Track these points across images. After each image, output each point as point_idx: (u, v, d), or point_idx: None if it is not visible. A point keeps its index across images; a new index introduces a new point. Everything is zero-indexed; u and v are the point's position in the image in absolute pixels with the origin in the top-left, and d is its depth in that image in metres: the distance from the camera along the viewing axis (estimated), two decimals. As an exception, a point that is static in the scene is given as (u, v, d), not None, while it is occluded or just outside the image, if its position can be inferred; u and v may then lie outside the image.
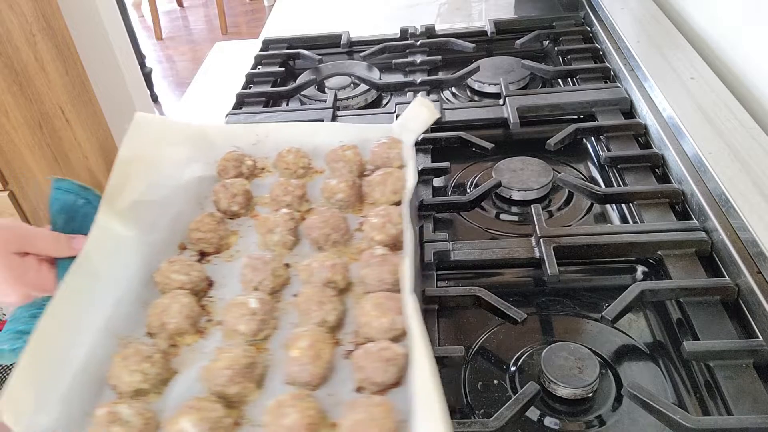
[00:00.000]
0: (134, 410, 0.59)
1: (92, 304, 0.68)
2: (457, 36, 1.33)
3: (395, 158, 0.88)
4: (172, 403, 0.63)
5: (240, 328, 0.67)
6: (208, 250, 0.81)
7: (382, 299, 0.66)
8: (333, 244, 0.78)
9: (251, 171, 0.92)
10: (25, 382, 0.59)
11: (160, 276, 0.74)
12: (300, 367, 0.61)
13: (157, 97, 3.75)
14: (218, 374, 0.61)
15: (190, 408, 0.57)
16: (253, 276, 0.72)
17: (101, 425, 0.57)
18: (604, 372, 0.66)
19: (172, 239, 0.82)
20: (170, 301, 0.69)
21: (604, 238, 0.78)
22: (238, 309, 0.67)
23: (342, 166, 0.88)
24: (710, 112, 0.94)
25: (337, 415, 0.59)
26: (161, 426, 0.60)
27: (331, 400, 0.62)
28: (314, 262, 0.72)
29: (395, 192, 0.83)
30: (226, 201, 0.84)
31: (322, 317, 0.67)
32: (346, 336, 0.68)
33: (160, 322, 0.68)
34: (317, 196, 0.88)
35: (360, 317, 0.66)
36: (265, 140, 0.95)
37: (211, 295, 0.76)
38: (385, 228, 0.76)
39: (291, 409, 0.56)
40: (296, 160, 0.90)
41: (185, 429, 0.56)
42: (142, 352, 0.64)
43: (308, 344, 0.62)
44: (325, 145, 0.92)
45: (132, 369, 0.62)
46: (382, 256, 0.71)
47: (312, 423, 0.56)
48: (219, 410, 0.58)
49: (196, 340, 0.70)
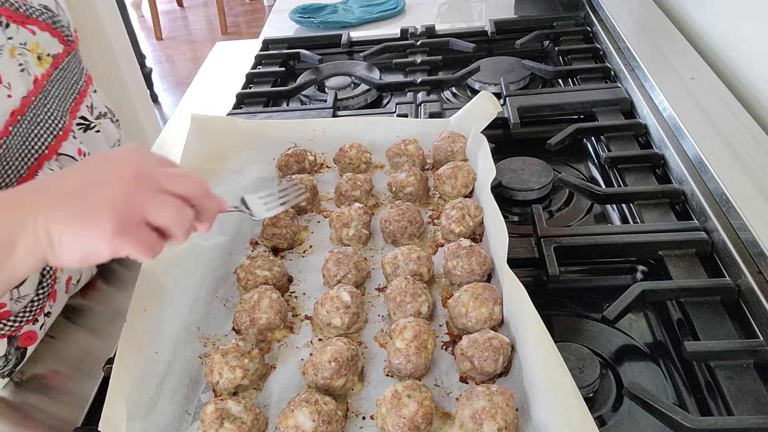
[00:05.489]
0: (242, 406, 0.59)
1: (167, 312, 0.69)
2: (457, 36, 1.33)
3: (459, 152, 0.90)
4: (275, 397, 0.64)
5: (334, 321, 0.68)
6: (282, 245, 0.82)
7: (479, 290, 0.67)
8: (409, 237, 0.79)
9: (312, 166, 0.93)
10: (116, 395, 0.59)
11: (243, 272, 0.75)
12: (405, 358, 0.62)
13: (157, 97, 3.75)
14: (323, 367, 0.61)
15: (304, 402, 0.58)
16: (337, 270, 0.73)
17: (211, 422, 0.57)
18: (604, 372, 0.66)
19: (239, 238, 0.84)
20: (259, 297, 0.69)
21: (604, 238, 0.78)
22: (331, 303, 0.68)
23: (404, 160, 0.90)
24: (710, 112, 0.94)
25: (447, 405, 0.61)
26: (270, 420, 0.61)
27: (438, 391, 0.63)
28: (399, 254, 0.74)
29: (466, 185, 0.84)
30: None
31: (416, 309, 0.68)
32: (438, 328, 0.70)
33: (249, 318, 0.69)
34: (381, 191, 0.90)
35: (456, 308, 0.67)
36: (321, 136, 0.97)
37: (292, 290, 0.77)
38: (464, 220, 0.77)
39: (408, 399, 0.57)
40: (358, 155, 0.92)
41: (301, 422, 0.56)
42: (240, 348, 0.64)
43: (413, 335, 0.63)
44: (382, 140, 0.94)
45: (232, 365, 0.62)
46: (469, 248, 0.72)
47: (428, 413, 0.57)
48: (331, 403, 0.59)
49: (285, 335, 0.71)
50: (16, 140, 0.73)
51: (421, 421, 0.56)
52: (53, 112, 0.80)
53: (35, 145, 0.76)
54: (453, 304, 0.68)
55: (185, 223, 0.57)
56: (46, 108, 0.78)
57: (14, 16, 0.73)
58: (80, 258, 0.54)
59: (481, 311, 0.65)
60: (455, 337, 0.68)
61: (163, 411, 0.62)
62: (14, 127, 0.72)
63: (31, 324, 0.78)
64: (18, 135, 0.73)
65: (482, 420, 0.55)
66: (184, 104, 1.29)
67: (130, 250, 0.54)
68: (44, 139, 0.78)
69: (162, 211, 0.55)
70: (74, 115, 0.85)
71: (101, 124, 0.91)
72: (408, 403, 0.56)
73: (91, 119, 0.89)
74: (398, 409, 0.56)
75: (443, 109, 1.08)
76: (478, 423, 0.55)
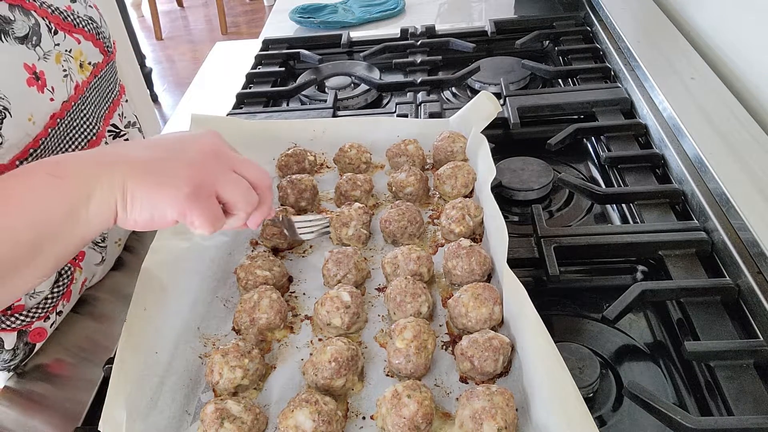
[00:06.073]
0: (242, 406, 0.59)
1: (167, 312, 0.69)
2: (457, 36, 1.33)
3: (459, 152, 0.90)
4: (275, 397, 0.64)
5: (334, 321, 0.68)
6: (282, 245, 0.82)
7: (479, 290, 0.67)
8: (409, 237, 0.79)
9: (312, 166, 0.93)
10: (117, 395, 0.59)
11: (243, 272, 0.75)
12: (405, 358, 0.62)
13: (157, 97, 3.75)
14: (323, 367, 0.61)
15: (304, 402, 0.58)
16: (337, 270, 0.73)
17: (211, 422, 0.57)
18: (604, 372, 0.66)
19: (239, 238, 0.84)
20: (259, 297, 0.70)
21: (604, 238, 0.78)
22: (331, 303, 0.68)
23: (404, 160, 0.90)
24: (710, 112, 0.94)
25: (447, 405, 0.61)
26: (269, 420, 0.61)
27: (438, 391, 0.63)
28: (399, 254, 0.73)
29: (466, 185, 0.84)
30: (294, 197, 0.86)
31: (416, 309, 0.68)
32: (438, 328, 0.70)
33: (249, 318, 0.69)
34: (381, 191, 0.90)
35: (456, 308, 0.67)
36: (321, 136, 0.97)
37: (292, 290, 0.77)
38: (464, 220, 0.77)
39: (408, 399, 0.57)
40: (358, 155, 0.92)
41: (301, 422, 0.56)
42: (240, 348, 0.64)
43: (413, 335, 0.63)
44: (382, 140, 0.94)
45: (232, 365, 0.62)
46: (469, 248, 0.72)
47: (428, 413, 0.57)
48: (331, 403, 0.59)
49: (285, 335, 0.71)
50: (53, 142, 0.75)
51: (421, 421, 0.56)
52: (89, 118, 0.83)
53: (70, 148, 0.79)
54: (453, 304, 0.68)
55: (251, 204, 0.61)
56: (83, 114, 0.81)
57: (63, 24, 0.77)
58: (148, 218, 0.56)
59: (481, 311, 0.65)
60: (455, 337, 0.68)
61: (163, 411, 0.62)
62: (53, 130, 0.75)
63: (42, 321, 0.79)
64: (56, 137, 0.76)
65: (482, 420, 0.55)
66: (184, 104, 1.29)
67: (196, 218, 0.56)
68: (79, 143, 0.80)
69: (234, 188, 0.59)
70: (107, 122, 0.88)
71: (129, 132, 0.94)
72: (408, 403, 0.56)
73: (121, 127, 0.92)
74: (398, 409, 0.56)
75: (443, 109, 1.08)
76: (478, 423, 0.55)
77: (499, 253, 0.69)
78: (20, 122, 0.69)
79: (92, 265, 0.88)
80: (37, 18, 0.73)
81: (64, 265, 0.76)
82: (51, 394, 0.75)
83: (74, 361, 0.80)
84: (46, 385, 0.77)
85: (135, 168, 0.55)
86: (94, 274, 0.89)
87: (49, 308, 0.79)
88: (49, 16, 0.75)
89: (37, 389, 0.76)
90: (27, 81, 0.71)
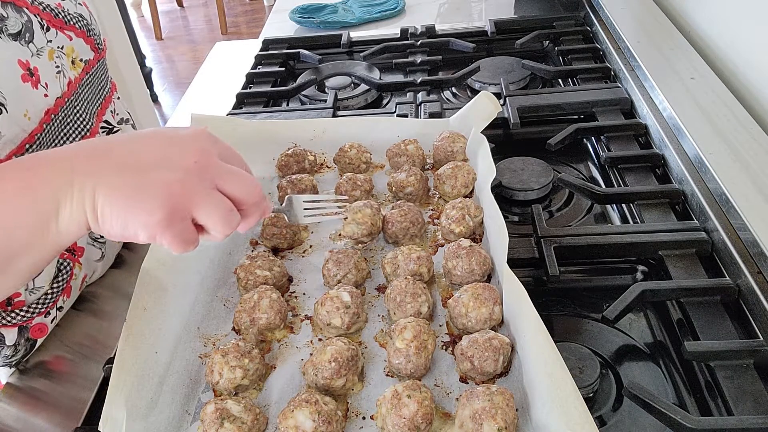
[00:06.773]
0: (242, 406, 0.59)
1: (167, 312, 0.69)
2: (457, 36, 1.33)
3: (459, 152, 0.90)
4: (275, 397, 0.64)
5: (334, 321, 0.68)
6: (282, 245, 0.82)
7: (479, 290, 0.67)
8: (411, 237, 0.79)
9: (312, 166, 0.93)
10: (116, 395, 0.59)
11: (243, 272, 0.75)
12: (405, 358, 0.62)
13: (157, 97, 3.76)
14: (323, 367, 0.61)
15: (304, 402, 0.58)
16: (337, 270, 0.74)
17: (211, 422, 0.57)
18: (604, 372, 0.66)
19: (239, 238, 0.84)
20: (259, 297, 0.70)
21: (604, 238, 0.78)
22: (331, 303, 0.68)
23: (404, 160, 0.90)
24: (710, 112, 0.94)
25: (447, 405, 0.61)
26: (269, 420, 0.61)
27: (438, 391, 0.63)
28: (399, 254, 0.74)
29: (466, 185, 0.84)
30: None
31: (416, 309, 0.68)
32: (438, 328, 0.70)
33: (249, 318, 0.69)
34: (381, 191, 0.90)
35: (456, 308, 0.67)
36: (321, 136, 0.97)
37: (292, 290, 0.77)
38: (464, 220, 0.77)
39: (408, 399, 0.57)
40: (358, 155, 0.92)
41: (301, 422, 0.56)
42: (240, 348, 0.64)
43: (413, 335, 0.63)
44: (382, 140, 0.94)
45: (232, 365, 0.62)
46: (469, 248, 0.72)
47: (428, 413, 0.57)
48: (331, 403, 0.59)
49: (285, 335, 0.71)
50: (48, 138, 0.76)
51: (421, 421, 0.56)
52: (82, 114, 0.83)
53: (65, 143, 0.79)
54: (453, 304, 0.68)
55: (230, 227, 0.56)
56: (76, 110, 0.82)
57: (54, 21, 0.77)
58: (119, 236, 0.53)
59: (481, 311, 0.65)
60: (455, 337, 0.68)
61: (163, 411, 0.62)
62: (48, 125, 0.75)
63: (42, 316, 0.79)
64: (50, 133, 0.76)
65: (482, 420, 0.55)
66: (184, 104, 1.29)
67: (166, 243, 0.53)
68: (73, 138, 0.81)
69: (212, 211, 0.54)
70: (100, 118, 0.89)
71: (122, 129, 0.95)
72: (408, 403, 0.56)
73: (114, 123, 0.92)
74: (398, 409, 0.56)
75: (443, 109, 1.08)
76: (478, 423, 0.55)
77: (499, 253, 0.69)
78: (16, 118, 0.69)
79: (92, 262, 0.88)
80: (29, 15, 0.73)
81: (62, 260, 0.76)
82: (52, 392, 0.75)
83: (75, 358, 0.80)
84: (47, 382, 0.77)
85: (110, 178, 0.52)
86: (94, 270, 0.89)
87: (49, 303, 0.79)
88: (41, 13, 0.75)
89: (38, 386, 0.76)
90: (21, 77, 0.71)
